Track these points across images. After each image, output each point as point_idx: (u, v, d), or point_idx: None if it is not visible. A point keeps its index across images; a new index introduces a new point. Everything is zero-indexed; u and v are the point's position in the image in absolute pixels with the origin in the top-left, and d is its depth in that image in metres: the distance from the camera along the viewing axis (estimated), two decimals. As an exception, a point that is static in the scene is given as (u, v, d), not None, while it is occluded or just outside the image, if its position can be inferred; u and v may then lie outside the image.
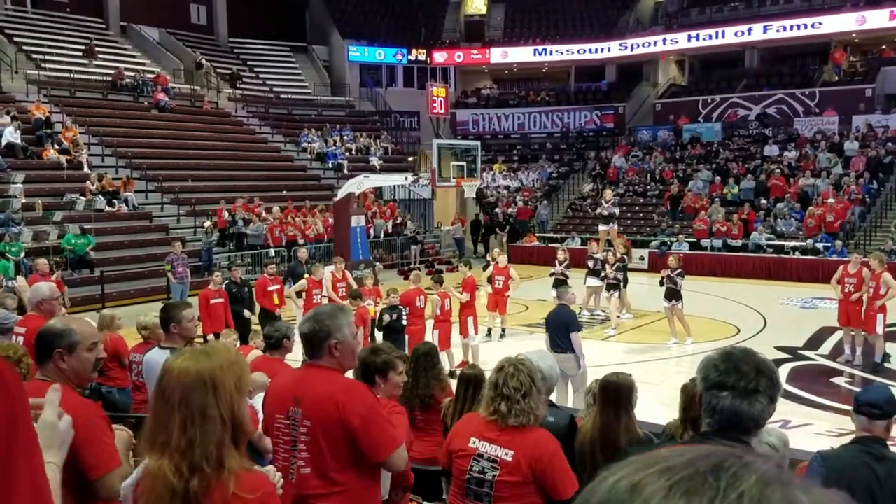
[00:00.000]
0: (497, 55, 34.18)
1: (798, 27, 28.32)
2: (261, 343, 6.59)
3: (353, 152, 28.00)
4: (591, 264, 14.51)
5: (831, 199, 21.24)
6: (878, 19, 26.86)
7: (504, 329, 13.17)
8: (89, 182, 19.19)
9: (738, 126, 28.16)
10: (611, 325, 13.69)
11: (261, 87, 30.81)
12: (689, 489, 0.66)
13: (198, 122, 26.01)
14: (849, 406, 4.35)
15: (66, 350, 2.60)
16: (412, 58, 33.77)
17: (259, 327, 9.63)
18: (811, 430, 7.98)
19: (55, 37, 25.73)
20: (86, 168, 20.11)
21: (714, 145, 27.34)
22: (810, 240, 20.00)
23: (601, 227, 17.63)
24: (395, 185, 24.33)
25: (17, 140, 19.31)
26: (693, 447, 0.73)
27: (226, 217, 20.38)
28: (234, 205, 20.76)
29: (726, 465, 0.68)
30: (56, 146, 20.21)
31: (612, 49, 32.52)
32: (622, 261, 14.05)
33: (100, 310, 11.88)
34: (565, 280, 13.85)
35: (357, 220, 17.46)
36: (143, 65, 27.20)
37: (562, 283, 13.71)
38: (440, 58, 34.19)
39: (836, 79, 28.03)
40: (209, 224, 19.37)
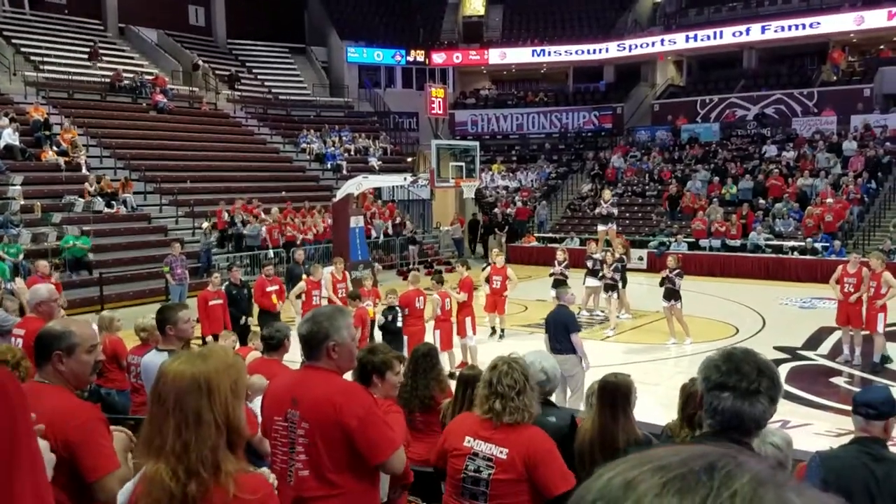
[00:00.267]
0: (495, 56, 34.18)
1: (796, 27, 28.33)
2: (260, 344, 6.59)
3: (352, 153, 28.01)
4: (589, 264, 14.51)
5: (830, 199, 21.25)
6: (876, 19, 26.88)
7: (503, 329, 13.16)
8: (88, 184, 19.18)
9: (737, 126, 28.17)
10: (609, 325, 13.69)
11: (259, 89, 30.80)
12: (682, 487, 0.67)
13: (196, 123, 25.99)
14: (848, 406, 4.35)
15: (65, 352, 2.60)
16: (411, 59, 33.77)
17: (258, 328, 9.64)
18: (810, 430, 7.98)
19: (53, 38, 25.73)
20: (84, 170, 20.09)
21: (712, 145, 27.34)
22: (809, 239, 20.00)
23: (600, 228, 17.63)
24: (393, 186, 24.32)
25: (15, 142, 19.30)
26: (687, 447, 0.74)
27: (225, 218, 20.38)
28: (234, 206, 20.75)
29: (720, 465, 0.69)
30: (55, 148, 20.20)
31: (611, 50, 32.53)
32: (621, 261, 14.05)
33: (98, 311, 11.87)
34: (565, 280, 13.85)
35: (356, 221, 17.46)
36: (142, 66, 27.19)
37: (561, 284, 13.71)
38: (439, 59, 34.19)
39: (835, 79, 28.04)
40: (207, 225, 19.36)
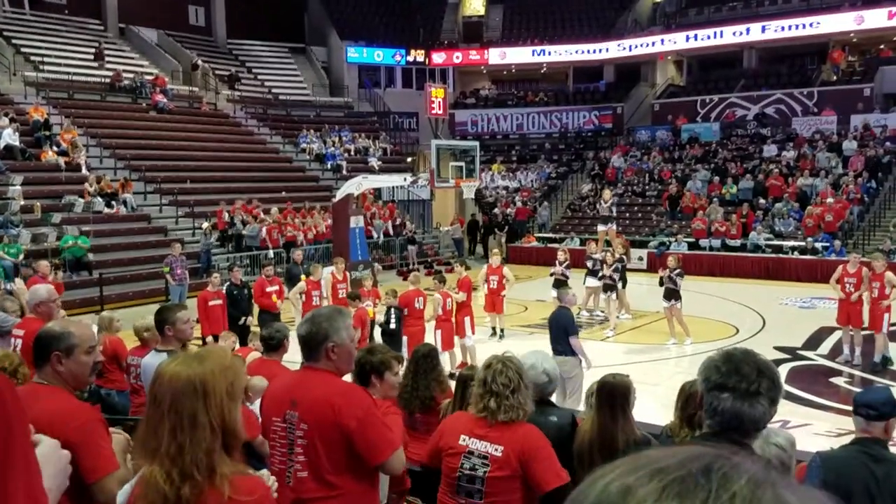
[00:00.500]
0: (495, 56, 34.17)
1: (796, 27, 28.31)
2: (259, 345, 6.58)
3: (352, 153, 28.00)
4: (589, 265, 14.50)
5: (830, 199, 21.24)
6: (876, 19, 26.87)
7: (503, 329, 13.15)
8: (88, 184, 19.17)
9: (737, 126, 28.16)
10: (609, 325, 13.68)
11: (259, 89, 30.80)
12: (681, 491, 0.67)
13: (196, 123, 25.98)
14: (848, 406, 4.36)
15: (64, 353, 2.59)
16: (411, 59, 33.77)
17: (258, 328, 9.64)
18: (810, 430, 7.97)
19: (53, 38, 25.72)
20: (84, 170, 20.08)
21: (712, 145, 27.33)
22: (809, 239, 20.00)
23: (600, 228, 17.61)
24: (393, 186, 24.30)
25: (15, 142, 19.30)
26: (682, 448, 0.74)
27: (225, 219, 20.38)
28: (233, 206, 20.76)
29: (717, 466, 0.69)
30: (54, 148, 20.20)
31: (611, 49, 32.52)
32: (621, 261, 14.04)
33: (98, 312, 11.87)
34: (565, 280, 13.84)
35: (356, 221, 17.44)
36: (142, 66, 27.18)
37: (562, 284, 13.70)
38: (439, 58, 34.18)
39: (835, 78, 28.04)
40: (207, 225, 19.36)
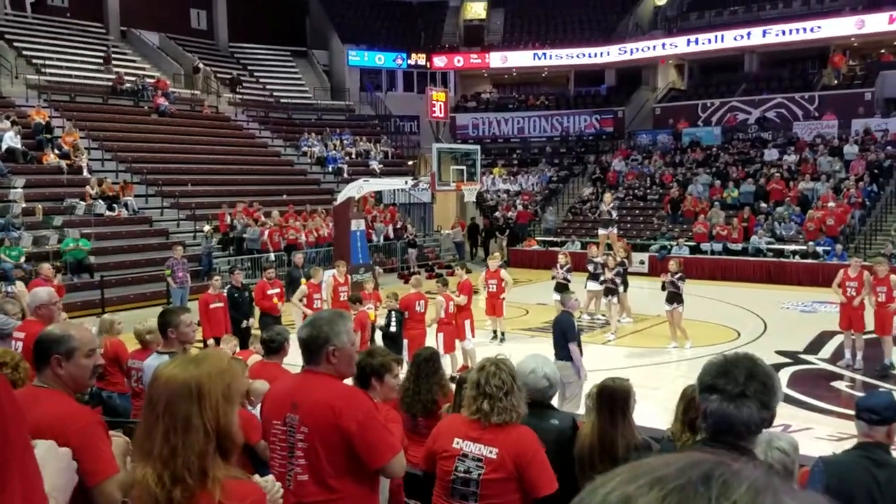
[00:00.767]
0: (497, 59, 34.21)
1: (797, 31, 28.32)
2: (260, 348, 6.58)
3: (353, 156, 28.01)
4: (591, 268, 14.49)
5: (831, 203, 21.23)
6: (877, 23, 26.88)
7: (503, 333, 13.14)
8: (89, 187, 19.17)
9: (738, 130, 28.17)
10: (610, 329, 13.67)
11: (261, 92, 30.84)
12: (681, 499, 0.66)
13: (198, 126, 26.00)
14: (849, 410, 4.34)
15: (64, 356, 2.59)
16: (412, 62, 33.81)
17: (259, 331, 9.63)
18: (812, 434, 7.96)
19: (55, 42, 25.75)
20: (86, 173, 20.10)
21: (713, 149, 27.34)
22: (810, 243, 20.00)
23: (601, 231, 17.59)
24: (394, 190, 24.31)
25: (17, 145, 19.31)
26: (682, 455, 0.73)
27: (227, 221, 20.39)
28: (235, 209, 20.78)
29: (717, 474, 0.68)
30: (56, 151, 20.21)
31: (612, 53, 32.53)
32: (622, 265, 14.03)
33: (100, 314, 11.87)
34: (566, 284, 13.83)
35: (357, 225, 17.43)
36: (144, 69, 27.22)
37: (563, 288, 13.69)
38: (440, 62, 34.23)
39: (836, 83, 28.04)
40: (209, 228, 19.37)
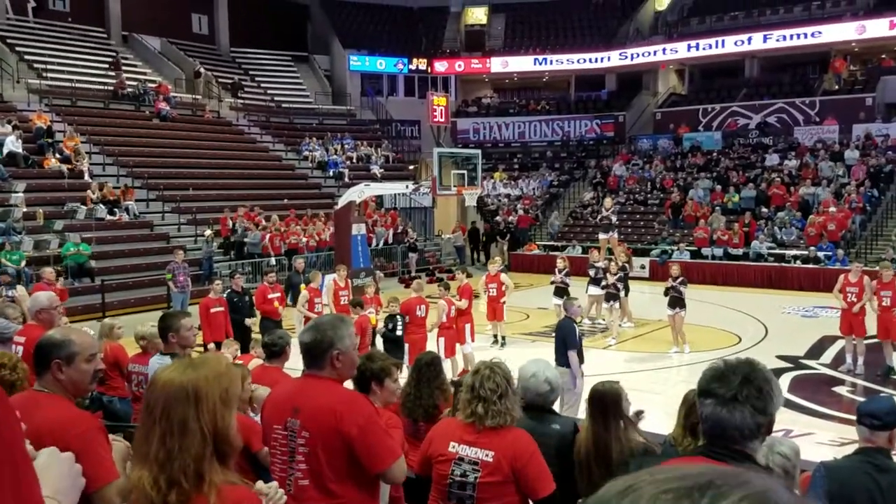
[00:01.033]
0: (497, 64, 34.25)
1: (798, 36, 28.36)
2: (261, 352, 6.57)
3: (354, 161, 28.04)
4: (592, 273, 14.48)
5: (832, 208, 21.23)
6: (877, 28, 26.91)
7: (504, 337, 13.13)
8: (90, 191, 19.18)
9: (739, 135, 28.19)
10: (611, 334, 13.65)
11: (262, 97, 30.88)
12: (674, 498, 0.70)
13: (199, 131, 26.03)
14: (850, 415, 4.33)
15: (65, 360, 2.58)
16: (413, 67, 33.85)
17: (260, 335, 9.62)
18: (813, 439, 7.95)
19: (57, 46, 25.80)
20: (87, 177, 20.12)
21: (714, 154, 27.35)
22: (811, 248, 19.99)
23: (601, 236, 17.59)
24: (395, 194, 24.32)
25: (18, 149, 19.33)
26: (700, 464, 0.75)
27: (229, 226, 20.40)
28: (236, 214, 20.79)
29: (717, 483, 0.71)
30: (57, 155, 20.23)
31: (612, 58, 32.59)
32: (624, 269, 14.02)
33: (100, 319, 11.87)
34: (566, 288, 13.83)
35: (358, 229, 17.44)
36: (145, 74, 27.27)
37: (562, 292, 13.68)
38: (441, 67, 34.27)
39: (836, 88, 28.07)
40: (210, 233, 19.37)
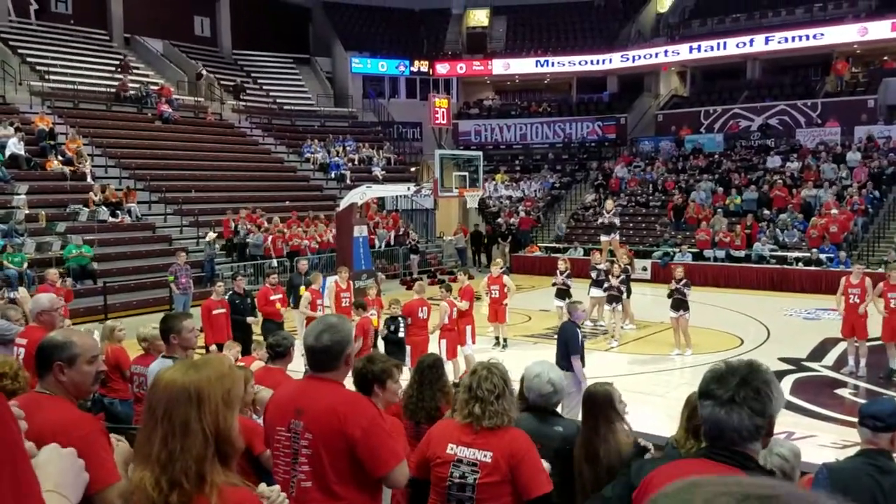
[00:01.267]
0: (499, 67, 34.28)
1: (800, 38, 28.36)
2: (263, 354, 6.57)
3: (356, 163, 28.06)
4: (594, 275, 14.46)
5: (834, 210, 21.20)
6: (879, 30, 26.90)
7: (506, 339, 13.12)
8: (92, 193, 19.22)
9: (741, 137, 28.18)
10: (613, 336, 13.63)
11: (264, 99, 30.92)
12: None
13: (201, 133, 26.07)
14: (852, 417, 4.32)
15: (66, 362, 2.58)
16: (415, 69, 33.90)
17: (261, 338, 9.62)
18: (815, 441, 7.93)
19: (59, 48, 25.85)
20: (89, 179, 20.15)
21: (716, 156, 27.34)
22: (814, 250, 19.96)
23: (603, 238, 17.56)
24: (397, 196, 24.34)
25: (20, 151, 19.37)
26: (769, 479, 0.80)
27: (232, 227, 20.42)
28: (238, 215, 20.81)
29: (784, 499, 0.79)
30: (59, 157, 20.26)
31: (614, 60, 32.62)
32: (626, 271, 14.00)
33: (103, 321, 11.87)
34: (567, 290, 13.82)
35: (359, 231, 17.44)
36: (147, 76, 27.30)
37: (564, 294, 13.68)
38: (442, 69, 34.31)
39: (839, 90, 28.06)
40: (213, 235, 19.38)
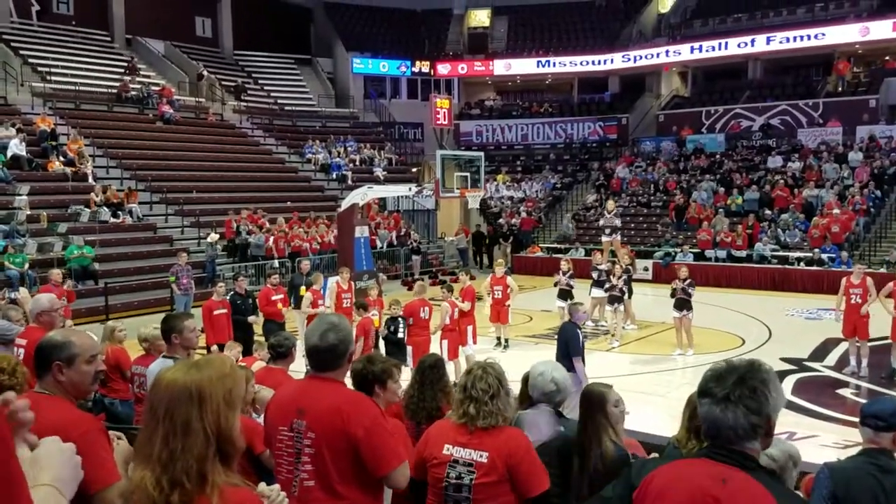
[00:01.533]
0: (500, 67, 34.29)
1: (801, 38, 28.34)
2: (265, 354, 6.57)
3: (357, 163, 28.07)
4: (595, 275, 14.46)
5: (836, 210, 21.18)
6: (881, 30, 26.88)
7: (507, 340, 13.11)
8: (94, 194, 19.23)
9: (742, 137, 28.15)
10: (615, 336, 13.63)
11: (265, 99, 30.95)
12: None
13: (202, 133, 26.09)
14: (854, 417, 4.32)
15: (65, 362, 2.58)
16: (416, 70, 33.92)
17: (262, 338, 9.63)
18: (817, 441, 7.93)
19: (61, 49, 25.87)
20: (91, 180, 20.16)
21: (717, 156, 27.33)
22: (815, 250, 19.95)
23: (604, 238, 17.58)
24: (398, 196, 24.35)
25: (22, 152, 19.39)
26: None
27: (234, 228, 20.43)
28: (239, 216, 20.82)
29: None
30: (61, 158, 20.28)
31: (616, 61, 32.61)
32: (627, 271, 13.99)
33: (104, 321, 11.87)
34: (570, 291, 13.81)
35: (361, 231, 17.44)
36: (148, 77, 27.33)
37: (566, 294, 13.67)
38: (444, 70, 34.32)
39: (840, 90, 28.03)
40: (215, 236, 19.38)
